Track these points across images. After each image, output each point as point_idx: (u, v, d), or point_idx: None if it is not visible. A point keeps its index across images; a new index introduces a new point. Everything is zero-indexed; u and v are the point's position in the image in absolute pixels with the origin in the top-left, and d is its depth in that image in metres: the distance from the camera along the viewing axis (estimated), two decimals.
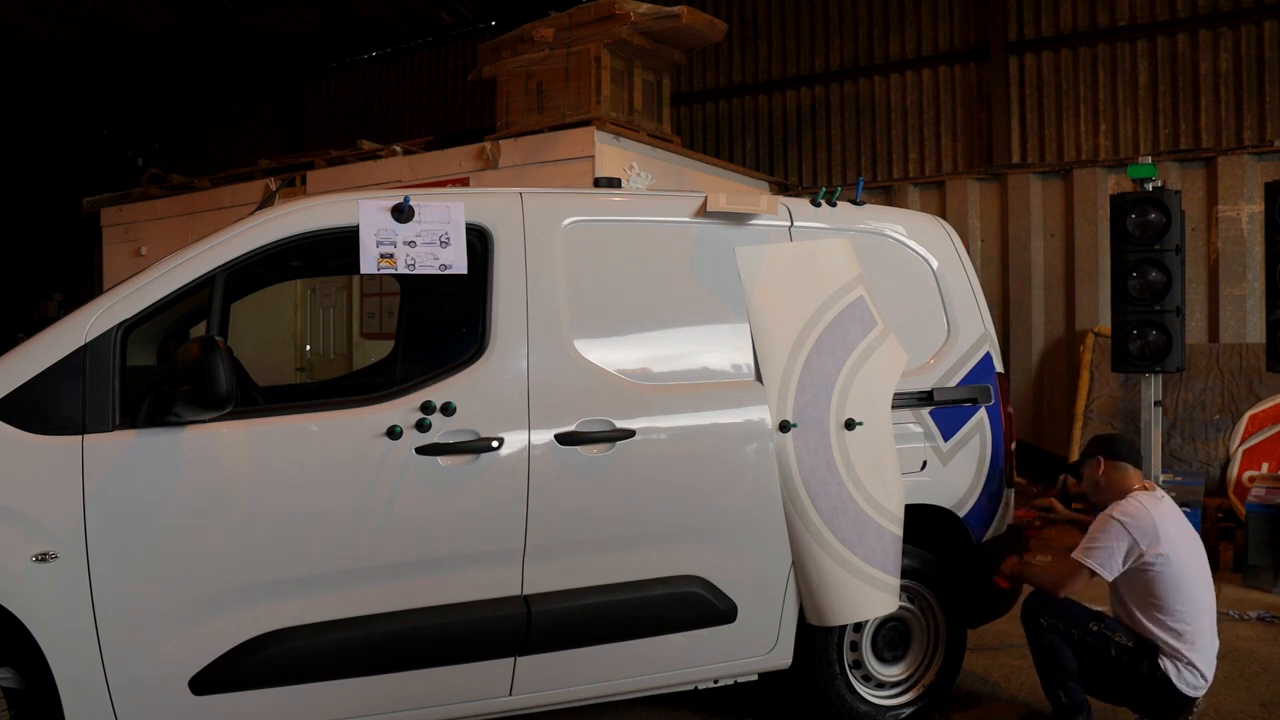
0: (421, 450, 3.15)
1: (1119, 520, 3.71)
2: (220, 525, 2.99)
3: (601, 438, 3.36)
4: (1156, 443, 6.74)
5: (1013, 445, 4.26)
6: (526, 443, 3.27)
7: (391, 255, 3.28)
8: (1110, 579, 3.73)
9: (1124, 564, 3.70)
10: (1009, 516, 4.25)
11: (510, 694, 3.34)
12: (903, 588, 3.87)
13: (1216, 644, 3.79)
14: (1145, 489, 3.87)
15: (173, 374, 2.87)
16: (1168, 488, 6.60)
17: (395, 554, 3.15)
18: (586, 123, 6.92)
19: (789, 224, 3.87)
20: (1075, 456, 7.87)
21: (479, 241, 3.40)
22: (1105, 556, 3.70)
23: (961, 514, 4.03)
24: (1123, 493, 3.86)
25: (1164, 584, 3.68)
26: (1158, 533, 3.68)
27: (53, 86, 15.09)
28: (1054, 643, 3.76)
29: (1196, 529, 6.33)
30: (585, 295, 3.48)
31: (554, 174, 6.78)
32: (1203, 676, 3.70)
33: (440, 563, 3.20)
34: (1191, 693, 3.69)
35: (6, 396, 2.88)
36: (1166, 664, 3.67)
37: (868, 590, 3.67)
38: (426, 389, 3.21)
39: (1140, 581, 3.72)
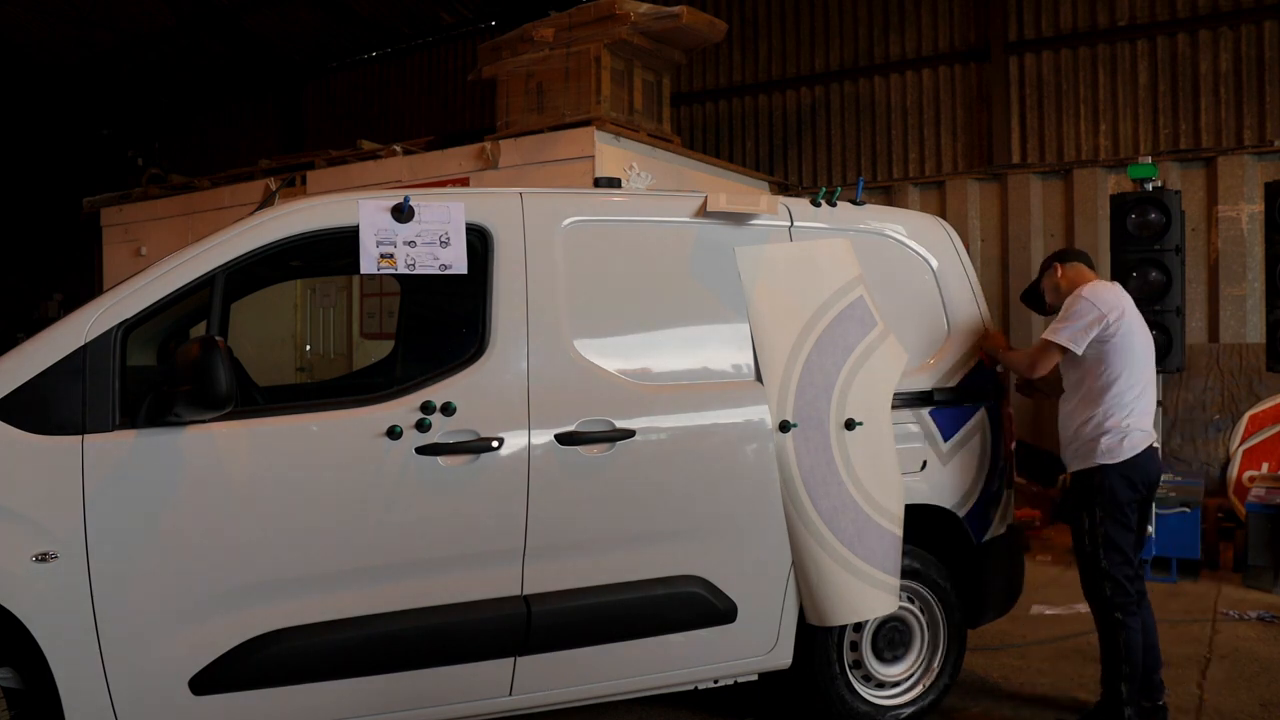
0: (421, 450, 3.15)
1: (1086, 297, 3.88)
2: (220, 525, 2.99)
3: (601, 438, 3.36)
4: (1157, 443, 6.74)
5: (1013, 445, 4.26)
6: (526, 443, 3.27)
7: (391, 255, 3.28)
8: (1080, 353, 3.86)
9: (1089, 336, 3.83)
10: (1009, 516, 4.25)
11: (510, 694, 3.34)
12: (903, 588, 3.87)
13: (1154, 409, 4.05)
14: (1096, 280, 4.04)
15: (173, 374, 2.88)
16: (1167, 487, 6.61)
17: (395, 554, 3.15)
18: (586, 123, 6.92)
19: (789, 224, 3.87)
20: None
21: (479, 241, 3.40)
22: (1075, 331, 3.85)
23: (961, 514, 4.03)
24: (1083, 284, 4.01)
25: (1119, 351, 3.84)
26: (1121, 305, 3.88)
27: (53, 86, 15.09)
28: (1128, 639, 3.82)
29: (1196, 529, 6.38)
30: (585, 295, 3.48)
31: (554, 174, 6.77)
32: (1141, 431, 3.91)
33: (440, 563, 3.20)
34: (1140, 448, 3.87)
35: (6, 396, 2.88)
36: (1095, 458, 3.88)
37: (868, 590, 3.68)
38: (426, 389, 3.21)
39: (1098, 355, 3.86)
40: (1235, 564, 6.50)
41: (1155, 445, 4.00)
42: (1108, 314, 3.83)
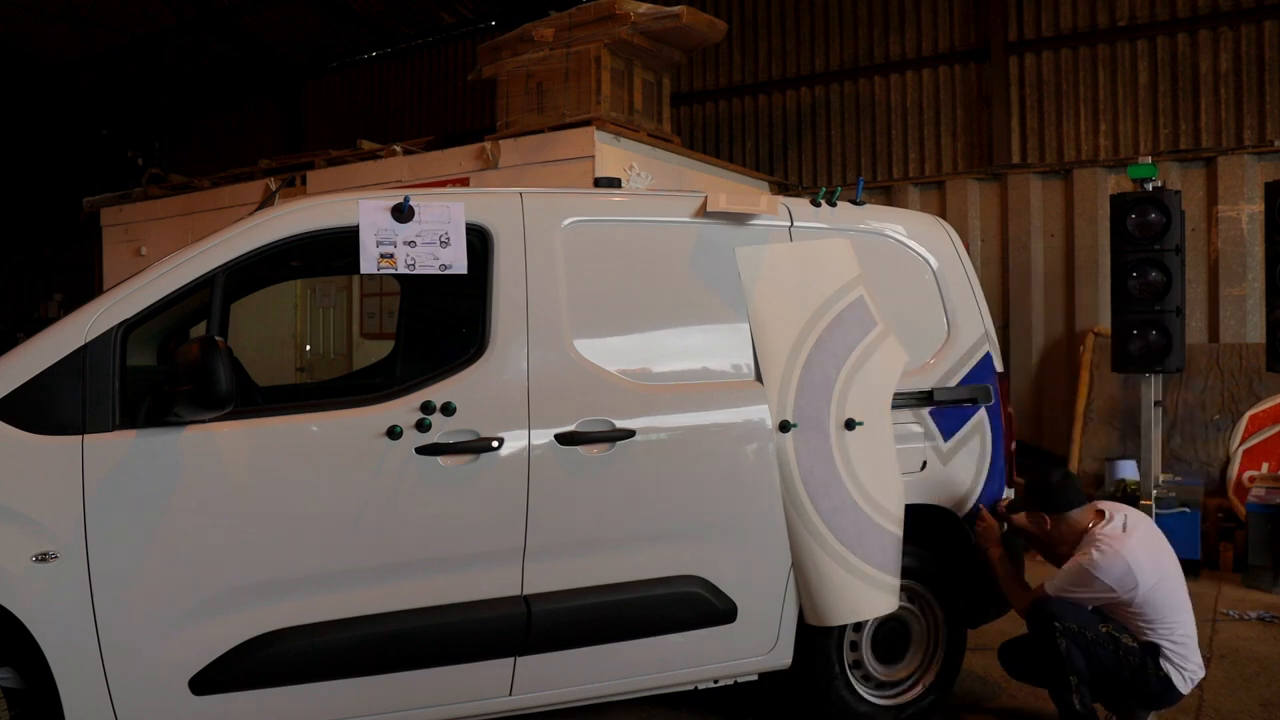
0: (421, 450, 3.15)
1: (1089, 571, 3.63)
2: (220, 525, 3.00)
3: (601, 438, 3.36)
4: (1157, 443, 6.74)
5: (1013, 445, 4.26)
6: (526, 443, 3.27)
7: (391, 255, 3.28)
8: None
9: (1095, 603, 3.70)
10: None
11: (510, 694, 3.34)
12: (903, 588, 3.87)
13: (1195, 633, 3.80)
14: (1100, 518, 3.78)
15: (173, 374, 2.88)
16: (1168, 487, 6.60)
17: (395, 554, 3.15)
18: (586, 123, 6.91)
19: (789, 224, 3.87)
20: (1076, 458, 7.87)
21: (479, 241, 3.40)
22: (1079, 599, 3.69)
23: (961, 514, 4.03)
24: (1077, 537, 3.78)
25: (1150, 608, 3.67)
26: (1132, 574, 3.61)
27: (53, 86, 15.09)
28: (1068, 648, 3.64)
29: (1196, 529, 6.37)
30: (585, 295, 3.48)
31: (554, 174, 6.76)
32: (1197, 670, 3.74)
33: (440, 563, 3.20)
34: (1186, 689, 3.72)
35: (6, 396, 2.88)
36: (1168, 666, 3.67)
37: (867, 590, 3.67)
38: (426, 389, 3.21)
39: (1124, 611, 3.71)
40: (1235, 564, 6.49)
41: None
42: (1115, 588, 3.61)
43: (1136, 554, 3.64)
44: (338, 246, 3.39)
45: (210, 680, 2.97)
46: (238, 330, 3.66)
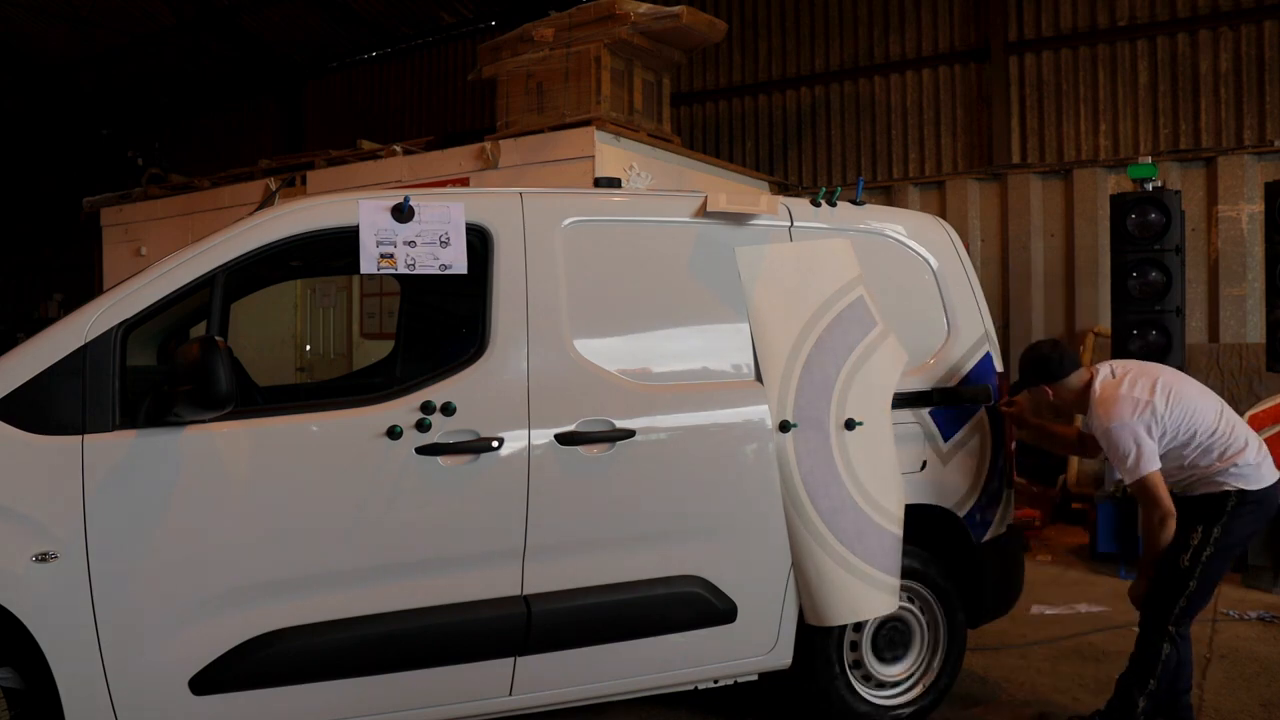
0: (421, 450, 3.15)
1: (1116, 426, 3.62)
2: (220, 525, 3.00)
3: (601, 438, 3.36)
4: None
5: (1013, 445, 4.26)
6: (526, 443, 3.27)
7: (391, 255, 3.28)
8: (1159, 465, 3.63)
9: (1153, 444, 3.61)
10: (1009, 516, 4.25)
11: (510, 694, 3.34)
12: (903, 588, 3.86)
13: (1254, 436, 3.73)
14: (1093, 375, 3.81)
15: (173, 374, 2.87)
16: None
17: (395, 554, 3.15)
18: (586, 123, 6.92)
19: (789, 224, 3.87)
20: (1076, 458, 7.86)
21: (479, 241, 3.40)
22: (1148, 455, 3.60)
23: (961, 514, 4.03)
24: (1083, 397, 3.81)
25: (1182, 420, 3.63)
26: (1141, 403, 3.62)
27: (53, 86, 15.10)
28: (1175, 637, 3.66)
29: None
30: (585, 295, 3.47)
31: (554, 174, 6.77)
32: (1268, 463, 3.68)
33: (440, 563, 3.20)
34: (1273, 478, 3.67)
35: (6, 396, 2.88)
36: (1236, 482, 3.62)
37: (867, 590, 3.67)
38: (426, 389, 3.21)
39: (1192, 441, 3.65)
40: (1235, 564, 6.48)
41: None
42: (1147, 417, 3.59)
43: (1133, 384, 3.67)
44: (338, 246, 3.39)
45: (210, 680, 2.97)
46: (238, 330, 3.66)
